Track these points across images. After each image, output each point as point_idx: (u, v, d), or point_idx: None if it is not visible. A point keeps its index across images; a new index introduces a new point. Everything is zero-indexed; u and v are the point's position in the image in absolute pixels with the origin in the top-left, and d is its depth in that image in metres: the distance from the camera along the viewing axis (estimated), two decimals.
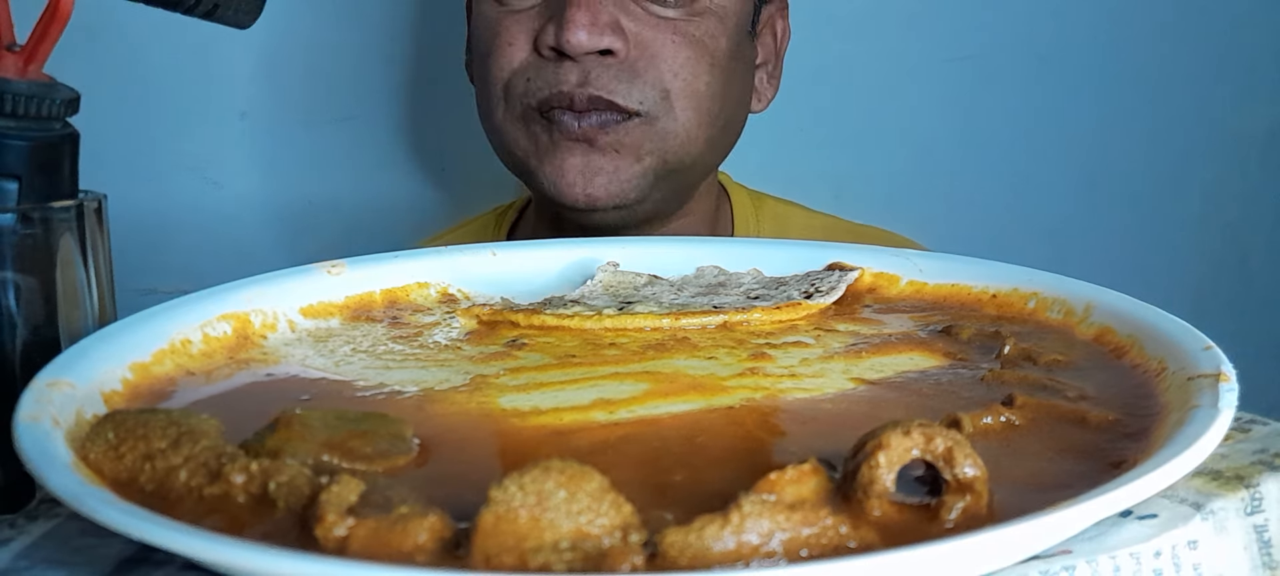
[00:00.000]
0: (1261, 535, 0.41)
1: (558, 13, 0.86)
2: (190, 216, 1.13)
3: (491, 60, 0.90)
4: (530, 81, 0.88)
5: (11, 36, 0.49)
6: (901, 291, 0.63)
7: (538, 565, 0.33)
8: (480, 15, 0.92)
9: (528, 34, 0.89)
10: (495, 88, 0.90)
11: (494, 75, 0.90)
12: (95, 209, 0.50)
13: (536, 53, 0.88)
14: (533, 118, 0.89)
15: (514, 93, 0.89)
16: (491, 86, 0.90)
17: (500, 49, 0.89)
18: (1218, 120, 1.42)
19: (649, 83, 0.88)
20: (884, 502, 0.37)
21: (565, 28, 0.85)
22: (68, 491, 0.36)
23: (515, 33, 0.89)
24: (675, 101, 0.89)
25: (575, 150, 0.88)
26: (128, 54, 1.08)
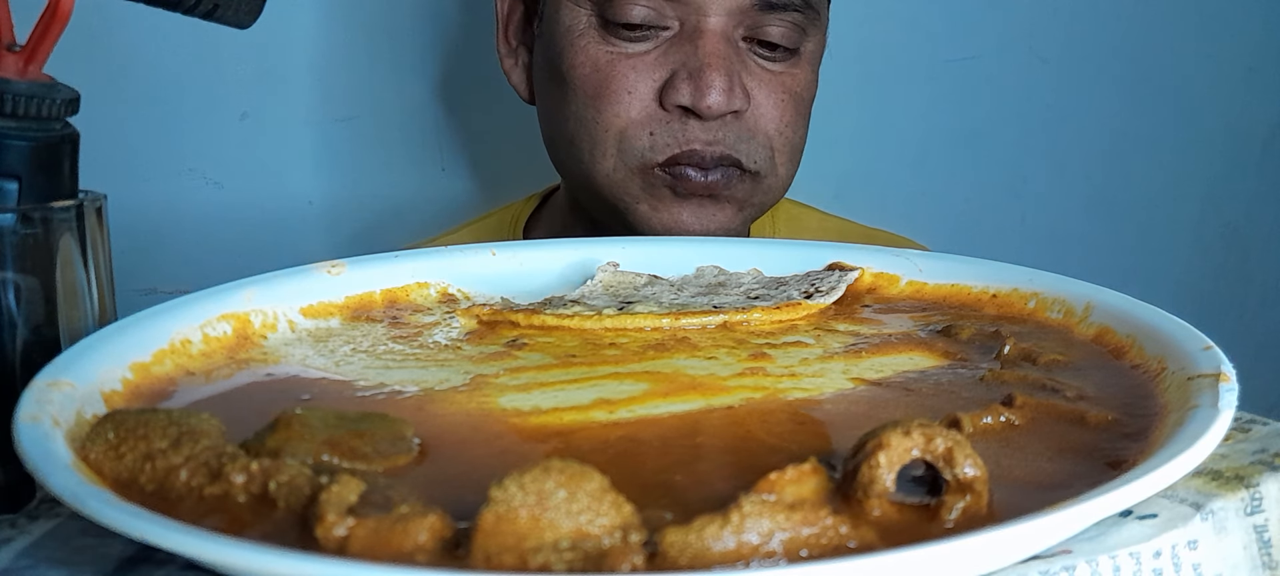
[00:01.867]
0: (1261, 535, 0.41)
1: (694, 72, 0.83)
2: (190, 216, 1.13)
3: (606, 108, 0.85)
4: (654, 136, 0.85)
5: (12, 37, 0.49)
6: (901, 291, 0.63)
7: (538, 565, 0.33)
8: (585, 54, 0.86)
9: (649, 85, 0.85)
10: (607, 135, 0.86)
11: (608, 123, 0.86)
12: (95, 209, 0.50)
13: (659, 105, 0.85)
14: (653, 171, 0.86)
15: (632, 145, 0.86)
16: (601, 133, 0.86)
17: (617, 97, 0.85)
18: (1218, 120, 1.42)
19: (760, 142, 0.87)
20: (884, 502, 0.37)
21: (704, 91, 0.83)
22: (68, 491, 0.36)
23: (635, 82, 0.85)
24: (778, 157, 0.89)
25: (693, 202, 0.87)
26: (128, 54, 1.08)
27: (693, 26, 0.84)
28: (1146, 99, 1.40)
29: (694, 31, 0.84)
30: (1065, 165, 1.39)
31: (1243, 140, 1.44)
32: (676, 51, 0.85)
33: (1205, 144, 1.43)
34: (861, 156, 1.31)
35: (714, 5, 0.84)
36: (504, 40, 0.95)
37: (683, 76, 0.84)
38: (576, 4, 0.86)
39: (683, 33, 0.85)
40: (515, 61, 0.95)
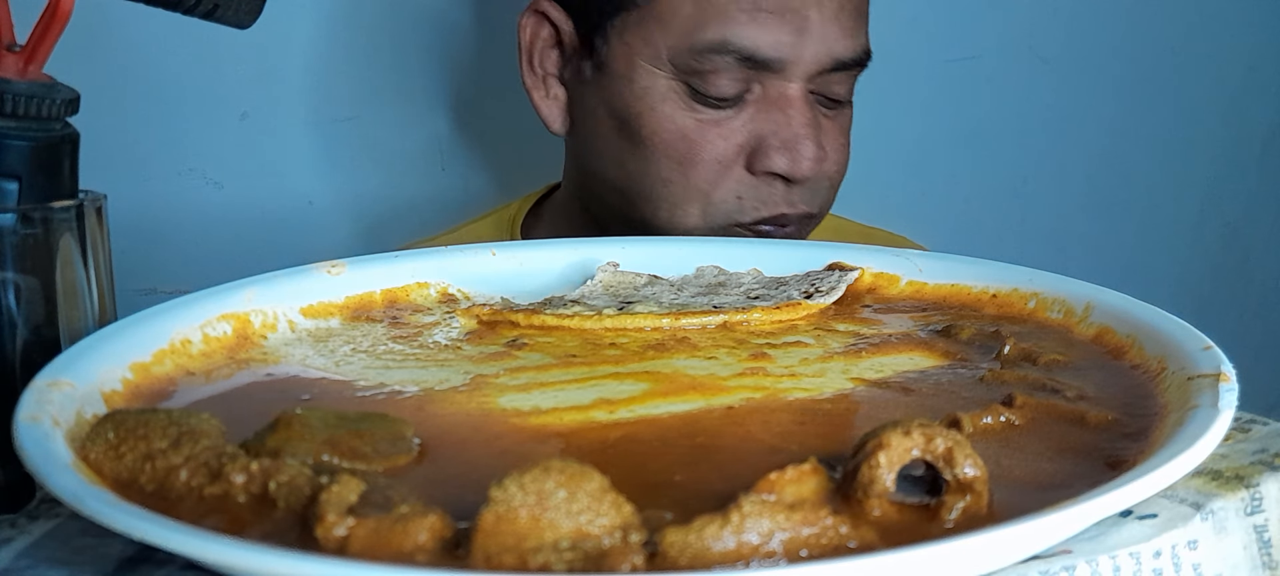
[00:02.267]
0: (1261, 535, 0.41)
1: (788, 143, 0.85)
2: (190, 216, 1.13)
3: (693, 173, 0.86)
4: (742, 199, 0.86)
5: (12, 37, 0.49)
6: (901, 291, 0.63)
7: (538, 565, 0.33)
8: (671, 122, 0.86)
9: (737, 151, 0.86)
10: (692, 197, 0.87)
11: (695, 187, 0.86)
12: (95, 209, 0.50)
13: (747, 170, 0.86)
14: (735, 229, 0.88)
15: (720, 208, 0.87)
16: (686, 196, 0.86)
17: (707, 165, 0.86)
18: (1218, 120, 1.42)
19: (827, 187, 0.89)
20: (884, 502, 0.37)
21: (799, 161, 0.84)
22: (68, 491, 0.36)
23: (723, 149, 0.86)
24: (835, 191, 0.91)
25: None
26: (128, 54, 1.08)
27: (777, 92, 0.85)
28: (1146, 99, 1.40)
29: (779, 98, 0.85)
30: (1065, 165, 1.39)
31: (1243, 140, 1.44)
32: (763, 118, 0.86)
33: (1205, 144, 1.43)
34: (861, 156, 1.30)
35: (797, 71, 0.85)
36: (529, 70, 0.93)
37: (774, 145, 0.85)
38: (655, 68, 0.85)
39: (765, 98, 0.85)
40: (545, 93, 0.93)
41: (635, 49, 0.86)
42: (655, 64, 0.85)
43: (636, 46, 0.86)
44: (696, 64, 0.84)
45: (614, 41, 0.87)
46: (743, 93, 0.85)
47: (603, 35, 0.88)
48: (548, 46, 0.92)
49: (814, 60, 0.85)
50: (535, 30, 0.92)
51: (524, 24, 0.92)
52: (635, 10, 0.86)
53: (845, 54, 0.86)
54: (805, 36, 0.84)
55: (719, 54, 0.83)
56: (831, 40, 0.85)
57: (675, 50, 0.84)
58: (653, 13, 0.85)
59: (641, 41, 0.86)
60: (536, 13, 0.92)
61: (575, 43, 0.90)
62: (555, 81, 0.93)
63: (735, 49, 0.83)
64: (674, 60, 0.85)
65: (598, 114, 0.90)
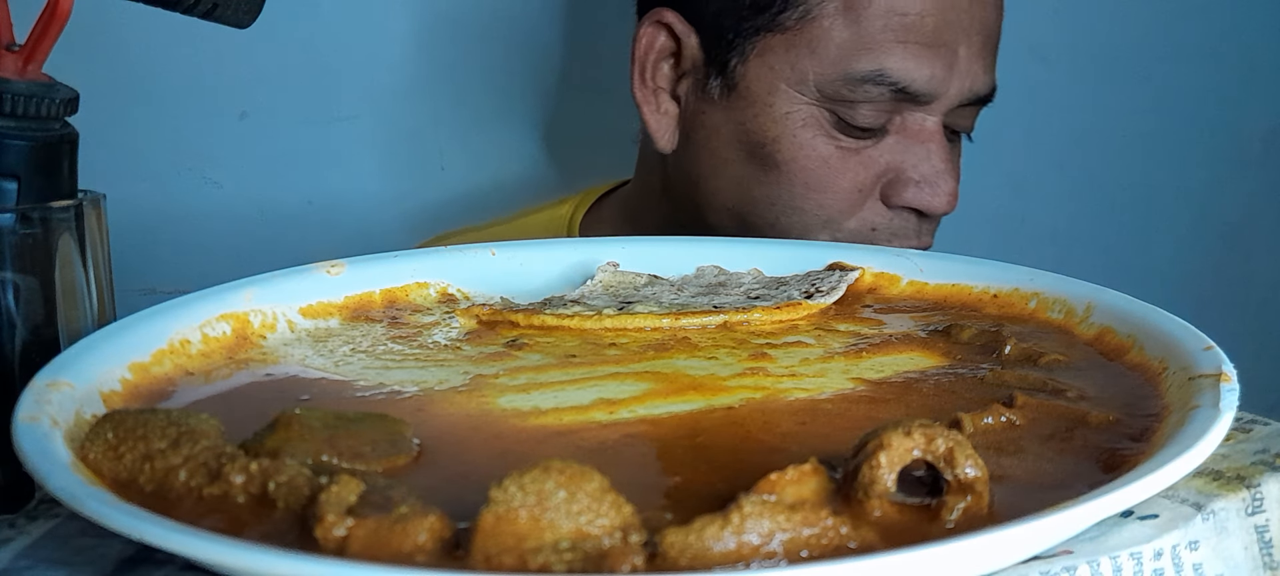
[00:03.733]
0: (1262, 535, 0.41)
1: (928, 178, 0.84)
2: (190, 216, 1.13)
3: (828, 200, 0.85)
4: (875, 230, 0.86)
5: (10, 36, 0.49)
6: (902, 291, 0.63)
7: (538, 565, 0.33)
8: (811, 148, 0.84)
9: (873, 179, 0.85)
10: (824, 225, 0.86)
11: (828, 213, 0.85)
12: (94, 208, 0.50)
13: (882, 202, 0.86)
14: None
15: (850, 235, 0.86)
16: (817, 221, 0.86)
17: (844, 194, 0.85)
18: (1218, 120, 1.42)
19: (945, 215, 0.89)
20: (885, 503, 0.37)
21: (940, 197, 0.84)
22: (67, 491, 0.36)
23: (861, 177, 0.85)
24: None
25: None
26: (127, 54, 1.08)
27: (917, 124, 0.84)
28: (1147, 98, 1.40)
29: (919, 131, 0.84)
30: (1066, 165, 1.39)
31: (1243, 139, 1.44)
32: (902, 150, 0.85)
33: (1206, 143, 1.43)
34: None
35: (940, 105, 0.84)
36: (640, 83, 0.90)
37: (914, 179, 0.84)
38: (798, 92, 0.84)
39: (906, 129, 0.85)
40: (656, 108, 0.90)
41: (778, 73, 0.84)
42: (799, 89, 0.84)
43: (780, 70, 0.84)
44: (846, 93, 0.82)
45: (753, 63, 0.85)
46: (885, 124, 0.84)
47: (740, 55, 0.85)
48: (662, 58, 0.90)
49: (957, 95, 0.84)
50: (651, 41, 0.89)
51: (641, 34, 0.89)
52: (782, 33, 0.84)
53: (984, 89, 0.86)
54: (954, 71, 0.83)
55: (873, 84, 0.82)
56: (975, 76, 0.85)
57: (824, 78, 0.83)
58: (802, 38, 0.83)
59: (787, 66, 0.84)
60: (657, 23, 0.88)
61: (699, 59, 0.88)
62: (667, 96, 0.90)
63: (890, 81, 0.82)
64: (821, 87, 0.83)
65: (722, 134, 0.87)
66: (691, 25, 0.87)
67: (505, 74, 1.20)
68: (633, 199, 1.01)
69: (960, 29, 0.83)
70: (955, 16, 0.83)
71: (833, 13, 0.82)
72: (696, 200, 0.91)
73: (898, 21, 0.82)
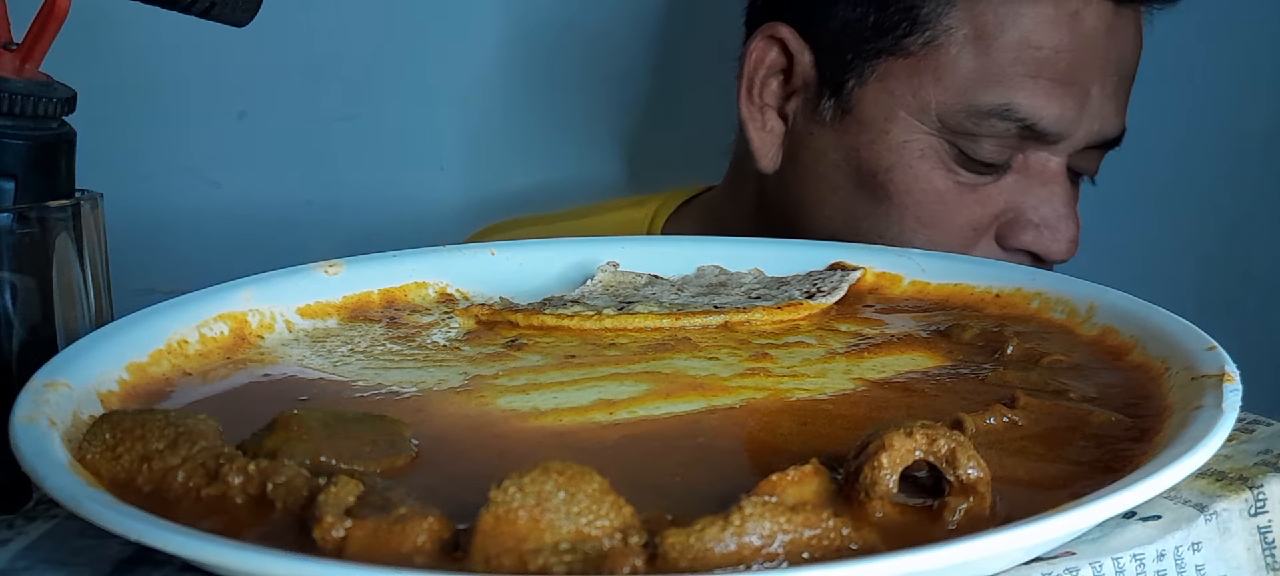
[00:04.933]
0: (1265, 536, 0.41)
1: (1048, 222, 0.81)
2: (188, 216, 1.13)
3: (940, 236, 0.81)
4: None
5: (8, 34, 0.49)
6: (904, 291, 0.63)
7: (537, 567, 0.32)
8: (928, 181, 0.81)
9: (990, 219, 0.81)
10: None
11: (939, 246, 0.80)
12: (92, 208, 0.50)
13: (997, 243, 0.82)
14: None
15: None
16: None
17: (959, 231, 0.81)
18: (1219, 119, 1.42)
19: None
20: (886, 504, 0.37)
21: (1060, 243, 0.81)
22: (65, 492, 0.36)
23: (977, 214, 0.81)
24: None
25: None
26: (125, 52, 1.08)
27: (1040, 164, 0.81)
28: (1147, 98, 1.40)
29: (1040, 170, 0.81)
30: None
31: (1244, 139, 1.44)
32: (1022, 190, 0.82)
33: (1207, 143, 1.42)
34: None
35: (1066, 146, 0.81)
36: (747, 99, 0.87)
37: (1034, 221, 0.81)
38: (919, 121, 0.80)
39: (1028, 168, 0.81)
40: (761, 125, 0.87)
41: (898, 99, 0.81)
42: (920, 117, 0.80)
43: (900, 96, 0.81)
44: (970, 126, 0.79)
45: (872, 86, 0.81)
46: (1007, 160, 0.81)
47: (859, 77, 0.82)
48: (772, 74, 0.86)
49: (1085, 136, 0.81)
50: (763, 56, 0.86)
51: (751, 49, 0.86)
52: (907, 58, 0.80)
53: (1113, 132, 0.83)
54: (1084, 111, 0.80)
55: (999, 119, 0.79)
56: (1106, 117, 0.82)
57: (947, 108, 0.79)
58: (928, 64, 0.80)
59: (908, 92, 0.80)
60: (770, 38, 0.85)
61: (812, 78, 0.84)
62: (773, 113, 0.87)
63: (1018, 117, 0.79)
64: (943, 117, 0.80)
65: (830, 158, 0.84)
66: (807, 42, 0.84)
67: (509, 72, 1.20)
68: (721, 210, 0.97)
69: (1096, 68, 0.80)
70: (1092, 55, 0.80)
71: (962, 40, 0.79)
72: (795, 223, 0.87)
73: (1031, 55, 0.78)
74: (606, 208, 1.03)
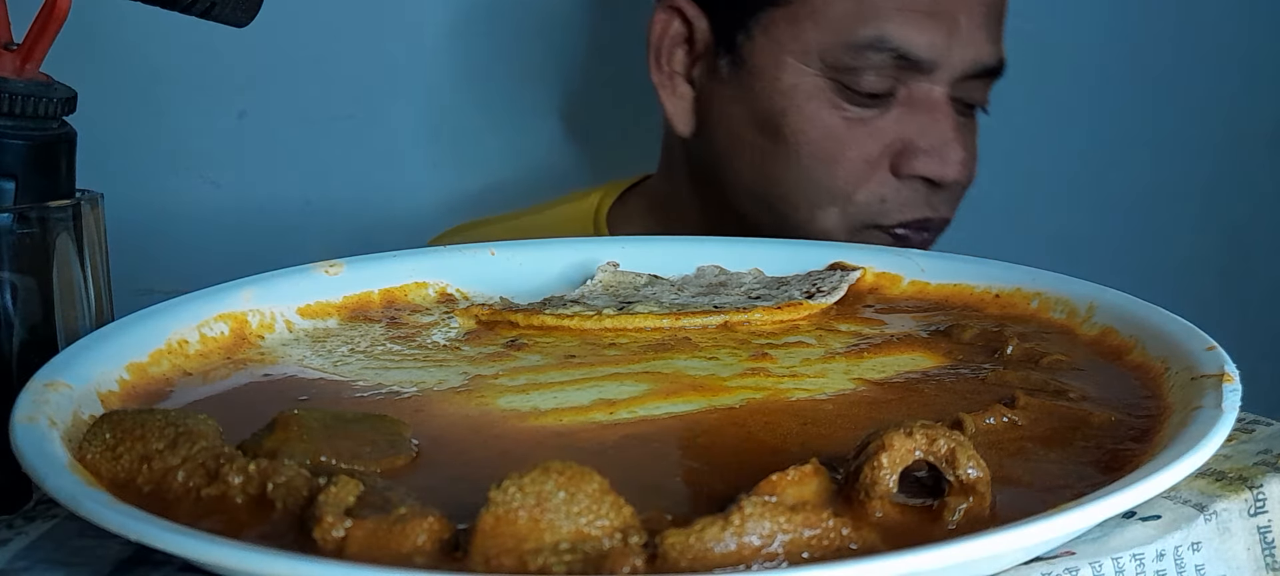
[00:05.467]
0: (1265, 536, 0.41)
1: (936, 147, 0.85)
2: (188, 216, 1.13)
3: (838, 171, 0.86)
4: (885, 202, 0.87)
5: (8, 35, 0.49)
6: (904, 291, 0.63)
7: (537, 567, 0.32)
8: (818, 120, 0.86)
9: (882, 151, 0.86)
10: (834, 197, 0.87)
11: (838, 186, 0.86)
12: (92, 208, 0.50)
13: (892, 173, 0.86)
14: (874, 231, 0.88)
15: (863, 209, 0.87)
16: (827, 195, 0.87)
17: (852, 163, 0.86)
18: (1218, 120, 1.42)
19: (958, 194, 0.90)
20: (886, 504, 0.37)
21: (948, 165, 0.85)
22: (65, 492, 0.36)
23: (869, 149, 0.86)
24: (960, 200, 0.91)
25: None
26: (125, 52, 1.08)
27: (923, 93, 0.86)
28: (1149, 98, 1.40)
29: (924, 99, 0.86)
30: (1068, 164, 1.39)
31: (1245, 139, 1.44)
32: (910, 120, 0.86)
33: (1208, 143, 1.43)
34: None
35: (944, 74, 0.85)
36: (656, 68, 0.92)
37: (922, 148, 0.86)
38: (803, 65, 0.85)
39: (912, 99, 0.86)
40: (672, 92, 0.92)
41: (784, 45, 0.85)
42: (804, 61, 0.85)
43: (785, 43, 0.85)
44: (849, 60, 0.84)
45: (759, 38, 0.87)
46: (890, 92, 0.85)
47: (746, 32, 0.87)
48: (676, 44, 0.91)
49: (961, 64, 0.85)
50: (666, 26, 0.91)
51: (655, 20, 0.91)
52: (786, 6, 0.85)
53: (989, 60, 0.87)
54: (955, 39, 0.84)
55: (874, 51, 0.84)
56: (978, 45, 0.86)
57: (827, 47, 0.84)
58: (805, 9, 0.85)
59: (791, 38, 0.85)
60: (669, 9, 0.90)
61: (709, 40, 0.89)
62: (682, 80, 0.92)
63: (891, 46, 0.84)
64: (825, 57, 0.84)
65: (733, 113, 0.89)
66: (701, 8, 0.89)
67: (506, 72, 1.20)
68: (660, 189, 1.01)
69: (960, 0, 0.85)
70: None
71: None
72: (719, 183, 0.92)
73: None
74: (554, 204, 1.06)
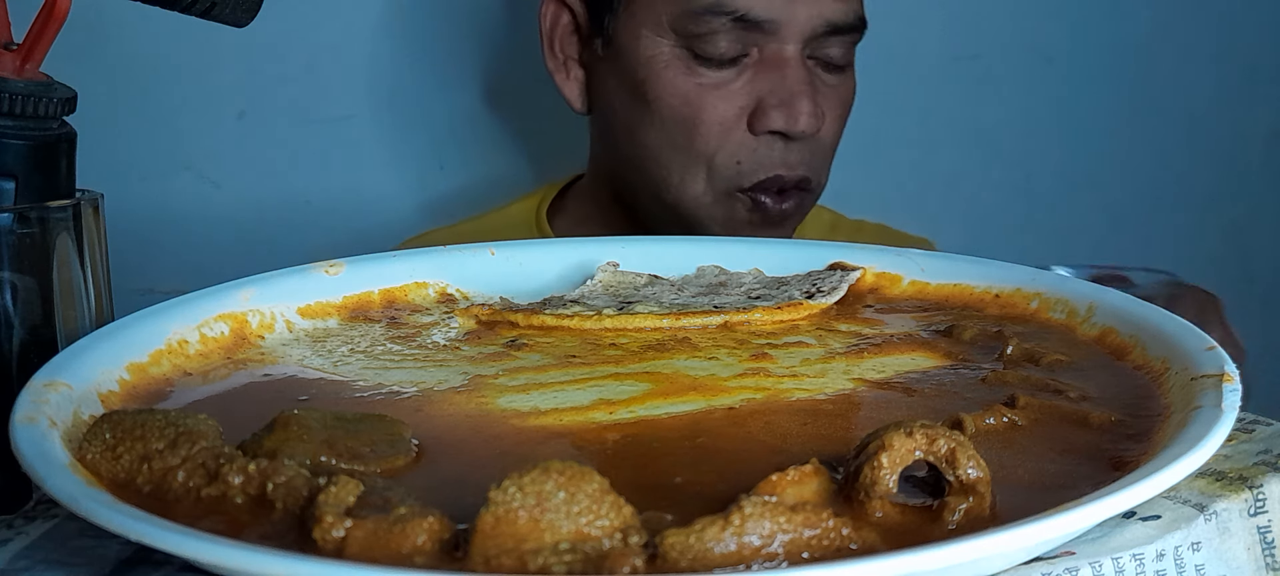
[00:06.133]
0: (1264, 536, 0.41)
1: (785, 100, 0.89)
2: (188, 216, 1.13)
3: (697, 136, 0.90)
4: (741, 163, 0.90)
5: (8, 35, 0.49)
6: (903, 291, 0.63)
7: (537, 567, 0.32)
8: (673, 86, 0.91)
9: (737, 112, 0.90)
10: (698, 162, 0.91)
11: (698, 150, 0.91)
12: (92, 208, 0.50)
13: (748, 132, 0.90)
14: (737, 197, 0.92)
15: (722, 171, 0.91)
16: (692, 160, 0.91)
17: (709, 127, 0.90)
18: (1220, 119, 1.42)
19: (823, 156, 0.93)
20: (886, 504, 0.37)
21: (796, 116, 0.88)
22: (65, 492, 0.36)
23: (724, 111, 0.90)
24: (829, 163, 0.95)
25: (765, 229, 0.92)
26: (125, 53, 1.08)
27: (773, 53, 0.90)
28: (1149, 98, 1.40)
29: (775, 58, 0.90)
30: (1068, 164, 1.39)
31: (1245, 139, 1.44)
32: (761, 79, 0.90)
33: (1208, 143, 1.43)
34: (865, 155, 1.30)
35: (792, 33, 0.89)
36: (551, 55, 0.98)
37: (773, 103, 0.89)
38: (658, 36, 0.90)
39: (763, 60, 0.90)
40: (566, 76, 0.98)
41: (640, 20, 0.91)
42: (658, 32, 0.90)
43: (641, 17, 0.91)
44: (695, 27, 0.89)
45: (622, 16, 0.93)
46: (741, 55, 0.90)
47: (612, 12, 0.93)
48: (567, 32, 0.97)
49: (807, 22, 0.89)
50: (555, 17, 0.97)
51: (544, 11, 0.97)
52: None
53: (838, 18, 0.91)
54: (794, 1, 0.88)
55: (714, 15, 0.88)
56: (824, 4, 0.90)
57: (675, 16, 0.89)
58: None
59: (645, 10, 0.91)
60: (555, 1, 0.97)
61: (587, 23, 0.96)
62: (575, 64, 0.98)
63: (729, 10, 0.88)
64: (674, 26, 0.90)
65: (609, 87, 0.95)
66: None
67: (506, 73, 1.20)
68: (587, 185, 1.06)
69: None
70: None
71: None
72: (608, 157, 0.99)
73: None
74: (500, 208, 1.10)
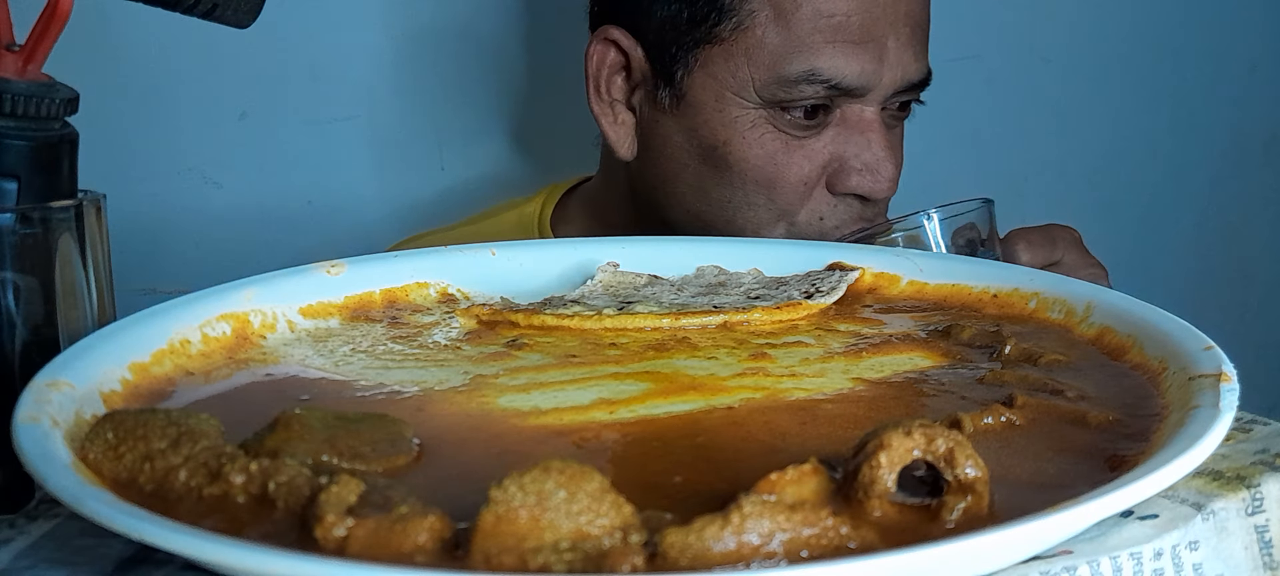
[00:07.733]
0: (1262, 535, 0.41)
1: (869, 165, 0.88)
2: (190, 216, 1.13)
3: (779, 196, 0.89)
4: (824, 219, 0.90)
5: (10, 36, 0.49)
6: (902, 291, 0.63)
7: (538, 565, 0.33)
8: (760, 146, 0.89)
9: (818, 171, 0.89)
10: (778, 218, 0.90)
11: (780, 206, 0.89)
12: (94, 208, 0.50)
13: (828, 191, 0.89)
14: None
15: (804, 229, 0.90)
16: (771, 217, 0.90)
17: (792, 185, 0.89)
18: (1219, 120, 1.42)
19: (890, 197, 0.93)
20: (885, 503, 0.37)
21: (881, 183, 0.88)
22: (67, 491, 0.36)
23: (807, 170, 0.89)
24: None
25: None
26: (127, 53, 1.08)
27: (855, 114, 0.89)
28: (1148, 98, 1.40)
29: (856, 120, 0.89)
30: (1067, 165, 1.39)
31: (1244, 139, 1.44)
32: (843, 140, 0.89)
33: (1206, 144, 1.43)
34: None
35: (875, 95, 0.88)
36: (597, 97, 0.94)
37: (856, 166, 0.88)
38: (742, 98, 0.88)
39: (845, 120, 0.89)
40: (613, 119, 0.95)
41: (721, 81, 0.88)
42: (742, 94, 0.88)
43: (722, 78, 0.88)
44: (783, 94, 0.87)
45: (697, 74, 0.89)
46: (825, 116, 0.88)
47: (684, 67, 0.90)
48: (614, 72, 0.94)
49: (891, 84, 0.88)
50: (602, 57, 0.93)
51: (591, 52, 0.93)
52: (720, 44, 0.88)
53: (917, 77, 0.90)
54: (884, 63, 0.87)
55: (806, 84, 0.86)
56: (906, 65, 0.89)
57: (762, 82, 0.87)
58: (739, 47, 0.88)
59: (728, 74, 0.88)
60: (605, 41, 0.93)
61: (647, 71, 0.92)
62: (623, 107, 0.95)
63: (823, 79, 0.86)
64: (760, 92, 0.87)
65: (675, 142, 0.92)
66: (637, 40, 0.92)
67: (506, 75, 1.20)
68: (599, 197, 1.04)
69: (887, 23, 0.87)
70: (881, 12, 0.87)
71: (765, 21, 0.87)
72: (659, 203, 0.95)
73: (826, 23, 0.86)
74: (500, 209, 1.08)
